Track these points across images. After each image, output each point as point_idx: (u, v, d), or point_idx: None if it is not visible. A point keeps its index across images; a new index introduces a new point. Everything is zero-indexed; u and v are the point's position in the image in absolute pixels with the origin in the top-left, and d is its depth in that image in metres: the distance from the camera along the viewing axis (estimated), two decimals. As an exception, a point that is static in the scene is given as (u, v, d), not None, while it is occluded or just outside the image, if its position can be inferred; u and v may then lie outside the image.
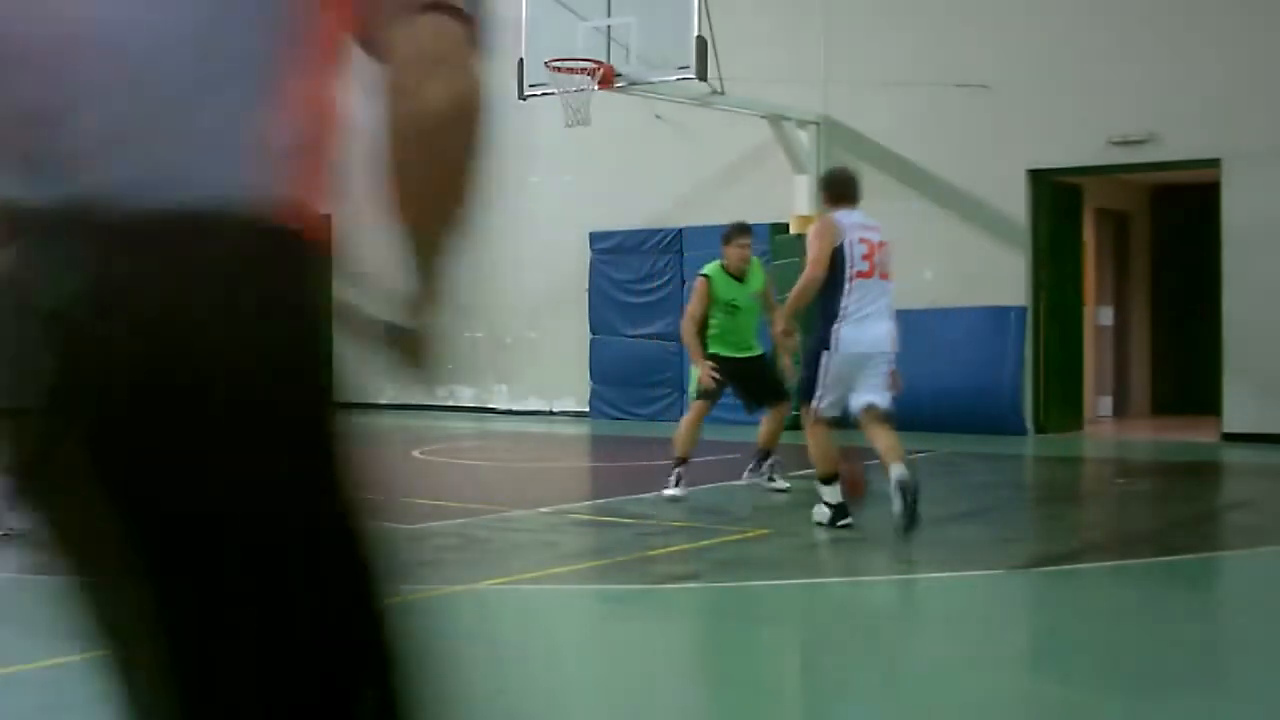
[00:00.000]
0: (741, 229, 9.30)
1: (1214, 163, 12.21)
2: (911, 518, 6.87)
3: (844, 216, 7.67)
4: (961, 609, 5.85)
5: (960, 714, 4.23)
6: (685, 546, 7.25)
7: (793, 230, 14.53)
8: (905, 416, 13.55)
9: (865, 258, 7.49)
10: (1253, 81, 12.31)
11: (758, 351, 9.26)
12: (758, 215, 14.75)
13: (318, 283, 1.53)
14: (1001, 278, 13.69)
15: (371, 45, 1.52)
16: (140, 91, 1.40)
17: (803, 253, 7.78)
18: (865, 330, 7.37)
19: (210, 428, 1.39)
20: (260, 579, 1.43)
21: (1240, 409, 12.38)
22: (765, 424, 9.37)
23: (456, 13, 1.51)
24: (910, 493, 6.89)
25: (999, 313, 13.64)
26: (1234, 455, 11.51)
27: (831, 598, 6.28)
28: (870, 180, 14.49)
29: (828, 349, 7.35)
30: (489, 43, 1.55)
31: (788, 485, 9.23)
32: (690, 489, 9.26)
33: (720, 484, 9.83)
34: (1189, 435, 12.94)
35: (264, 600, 1.43)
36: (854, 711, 4.33)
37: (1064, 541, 7.83)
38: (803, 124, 14.51)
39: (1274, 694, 4.46)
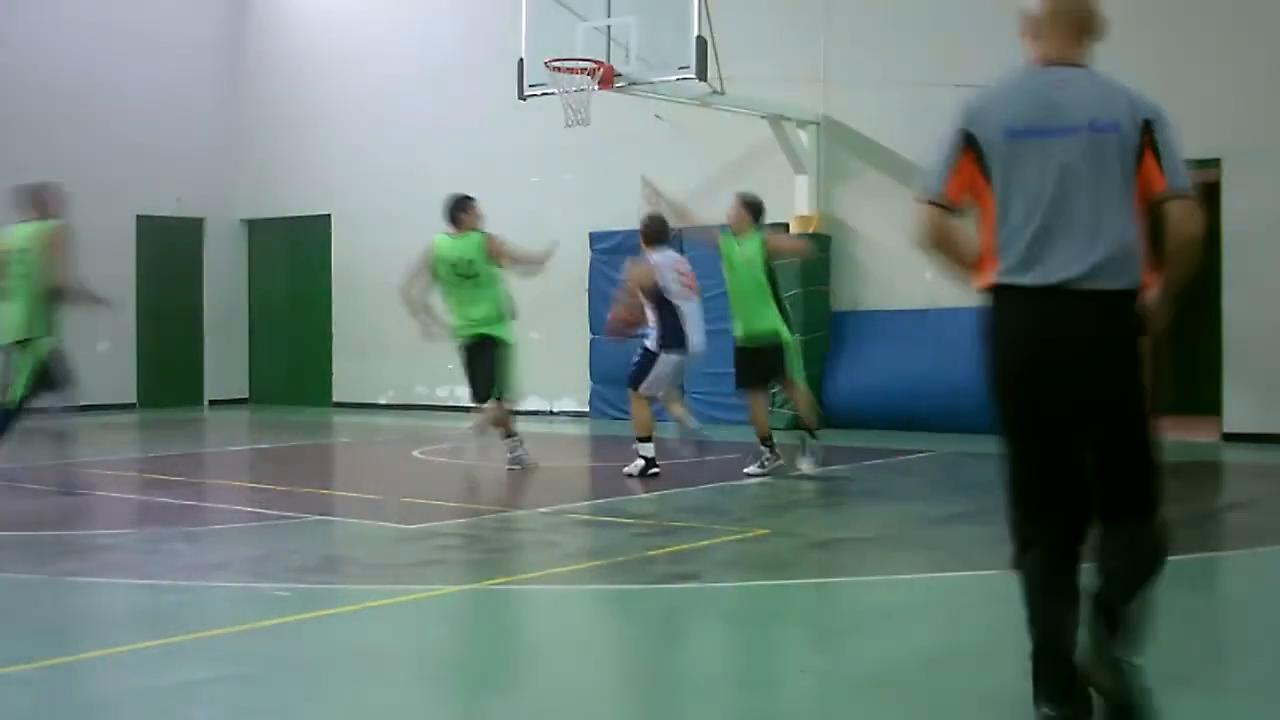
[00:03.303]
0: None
1: (1214, 163, 12.21)
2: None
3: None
4: (961, 609, 5.85)
5: (960, 714, 4.23)
6: (685, 546, 7.25)
7: (793, 230, 14.53)
8: (906, 416, 13.69)
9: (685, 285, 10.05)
10: (1253, 81, 12.30)
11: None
12: (757, 215, 14.80)
13: (1145, 316, 3.75)
14: (1001, 278, 13.68)
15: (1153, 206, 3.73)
16: (1080, 214, 3.67)
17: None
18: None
19: (1131, 372, 3.68)
20: (1131, 419, 3.74)
21: (1240, 409, 12.38)
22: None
23: (1191, 197, 3.68)
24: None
25: (999, 313, 13.62)
26: (1234, 455, 11.51)
27: (831, 597, 6.28)
28: (870, 180, 14.59)
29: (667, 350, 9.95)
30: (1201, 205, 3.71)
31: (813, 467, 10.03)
32: (689, 489, 9.27)
33: (720, 484, 9.83)
34: (1189, 435, 12.94)
35: (1144, 417, 3.76)
36: (853, 711, 4.33)
37: (1064, 541, 7.82)
38: (803, 124, 14.51)
39: (1274, 694, 4.46)
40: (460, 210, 10.39)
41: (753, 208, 10.11)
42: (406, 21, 18.21)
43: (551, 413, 16.39)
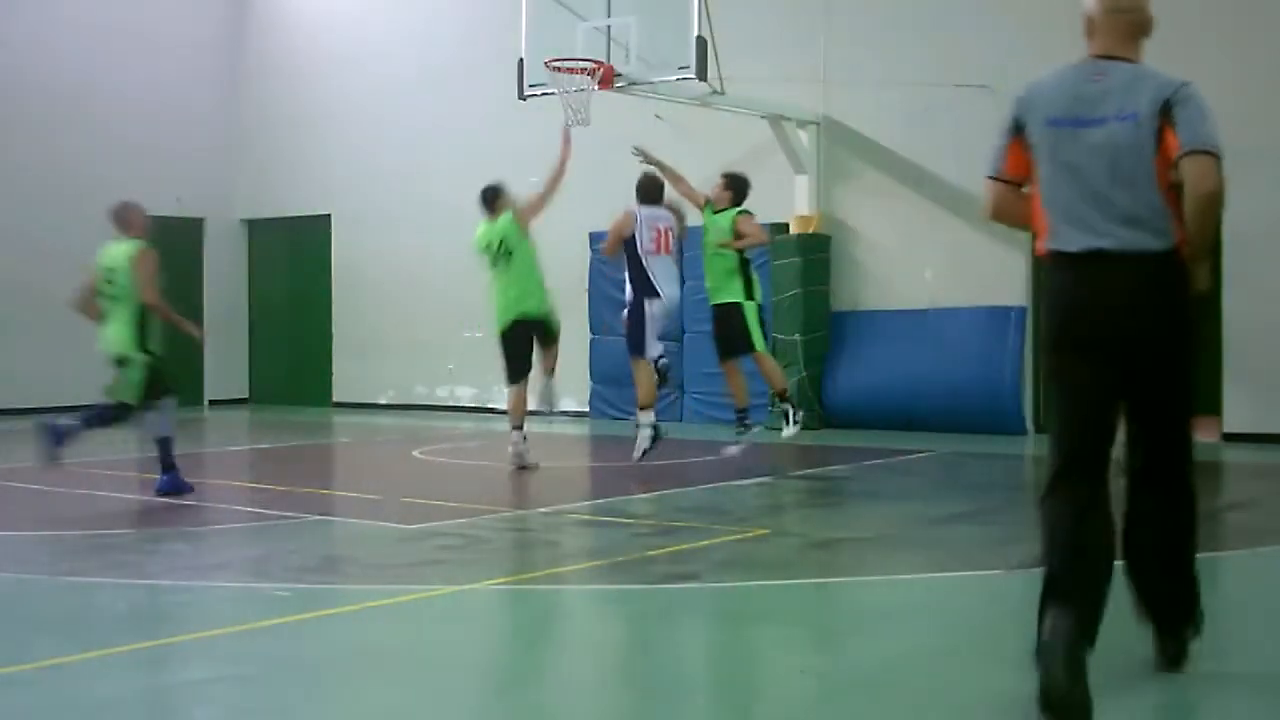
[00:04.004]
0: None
1: (1214, 163, 12.20)
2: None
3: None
4: (961, 609, 5.85)
5: (960, 714, 4.23)
6: (685, 546, 7.25)
7: (793, 230, 14.53)
8: (906, 416, 13.69)
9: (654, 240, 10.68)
10: (1253, 81, 12.30)
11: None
12: (757, 215, 14.77)
13: (1186, 276, 4.05)
14: (1001, 278, 13.69)
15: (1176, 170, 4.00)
16: (1106, 196, 4.04)
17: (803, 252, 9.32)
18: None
19: (1168, 328, 4.07)
20: (1180, 376, 4.14)
21: (1240, 409, 12.38)
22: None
23: (1207, 153, 3.95)
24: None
25: (999, 313, 13.64)
26: (1234, 455, 11.50)
27: (831, 597, 6.28)
28: (870, 180, 14.59)
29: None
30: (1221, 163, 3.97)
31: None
32: (689, 489, 9.26)
33: (720, 484, 9.84)
34: (1189, 435, 12.93)
35: (1188, 393, 4.18)
36: (853, 711, 4.32)
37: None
38: (803, 124, 14.51)
39: (1274, 694, 4.46)
40: (493, 197, 10.85)
41: (735, 183, 10.99)
42: (406, 21, 18.21)
43: (551, 412, 16.38)
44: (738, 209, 10.91)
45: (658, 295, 10.60)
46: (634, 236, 10.63)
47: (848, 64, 14.47)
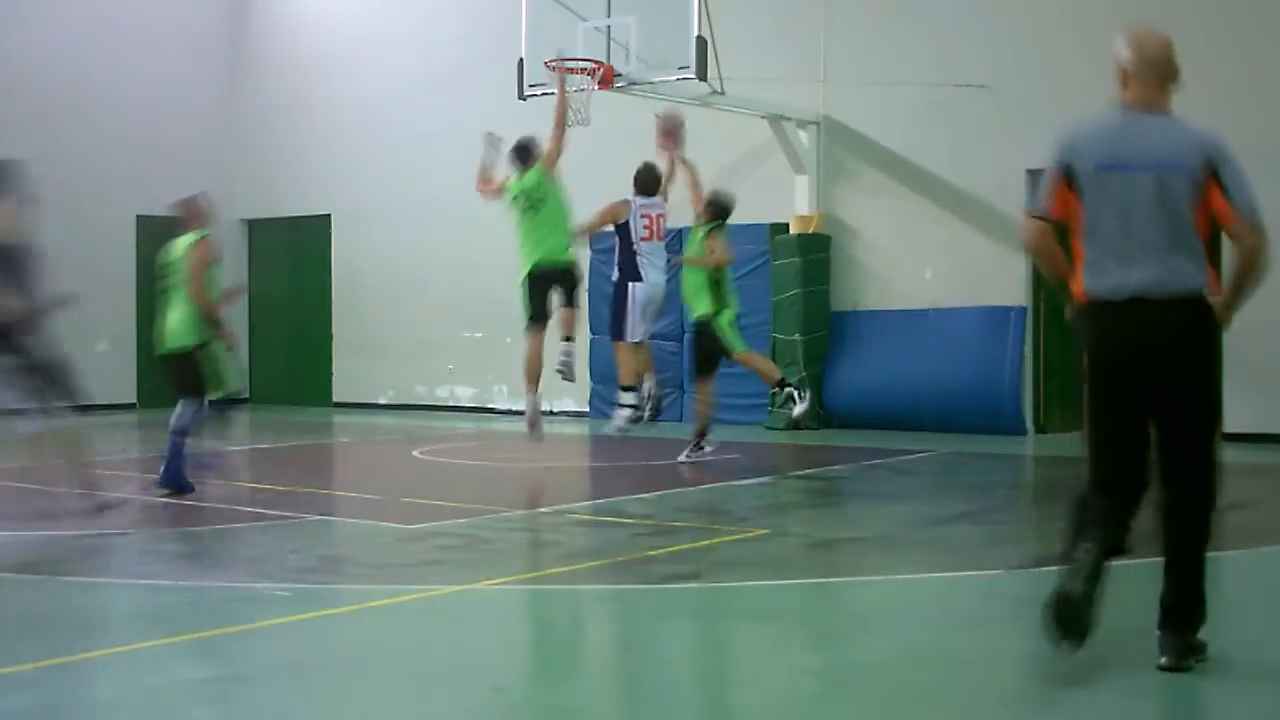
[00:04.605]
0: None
1: (1214, 162, 12.21)
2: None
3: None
4: (961, 609, 5.85)
5: (960, 714, 4.23)
6: (685, 546, 7.25)
7: (793, 230, 14.53)
8: (906, 416, 13.69)
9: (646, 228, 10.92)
10: (1253, 81, 12.31)
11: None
12: (758, 215, 14.77)
13: (1213, 315, 4.49)
14: (1001, 278, 13.69)
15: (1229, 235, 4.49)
16: (1150, 238, 4.43)
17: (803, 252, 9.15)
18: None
19: (1195, 362, 4.49)
20: (1205, 397, 4.57)
21: (1240, 409, 12.36)
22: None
23: (1256, 223, 4.43)
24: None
25: (999, 313, 13.64)
26: (1234, 455, 11.47)
27: (831, 597, 6.28)
28: (870, 180, 14.59)
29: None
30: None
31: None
32: (689, 489, 9.25)
33: (720, 484, 9.84)
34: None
35: (1210, 416, 4.55)
36: (853, 711, 4.32)
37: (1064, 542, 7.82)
38: (803, 124, 14.51)
39: (1274, 694, 4.46)
40: (525, 151, 10.97)
41: (714, 206, 11.17)
42: (406, 21, 18.21)
43: (551, 413, 16.38)
44: (712, 224, 11.06)
45: (641, 280, 10.84)
46: (628, 224, 10.91)
47: (848, 64, 14.47)
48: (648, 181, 11.10)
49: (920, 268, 14.24)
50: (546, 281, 10.83)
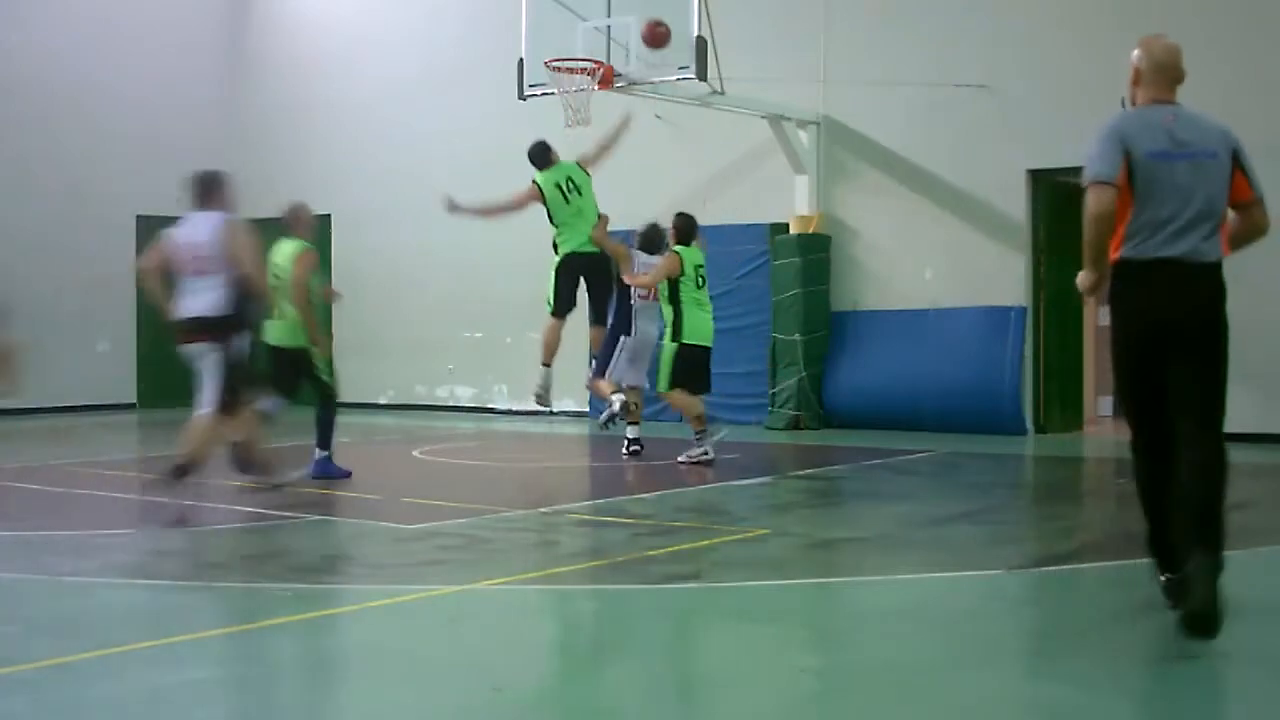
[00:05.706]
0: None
1: (1214, 162, 12.21)
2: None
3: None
4: (961, 609, 5.84)
5: (959, 714, 4.23)
6: (685, 546, 7.25)
7: (793, 230, 14.53)
8: (906, 416, 13.69)
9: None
10: (1253, 81, 12.30)
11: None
12: (757, 215, 14.79)
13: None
14: (1001, 278, 13.69)
15: (1240, 209, 5.26)
16: (1201, 214, 5.06)
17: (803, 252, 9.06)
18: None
19: (1214, 328, 5.08)
20: (1210, 355, 5.09)
21: (1240, 409, 12.29)
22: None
23: (1260, 203, 5.24)
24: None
25: (999, 313, 13.64)
26: (1234, 455, 11.46)
27: (831, 597, 6.28)
28: (870, 180, 14.59)
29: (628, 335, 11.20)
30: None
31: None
32: (689, 489, 9.24)
33: (720, 484, 9.84)
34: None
35: (1224, 374, 5.14)
36: (853, 711, 4.32)
37: (1064, 541, 7.83)
38: (803, 124, 14.51)
39: (1274, 694, 4.46)
40: (544, 152, 11.56)
41: (678, 229, 11.14)
42: (406, 21, 18.21)
43: (551, 413, 16.37)
44: (684, 246, 11.03)
45: (632, 334, 11.20)
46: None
47: (848, 64, 14.47)
48: (653, 242, 11.36)
49: (920, 268, 14.24)
50: (578, 271, 11.16)
